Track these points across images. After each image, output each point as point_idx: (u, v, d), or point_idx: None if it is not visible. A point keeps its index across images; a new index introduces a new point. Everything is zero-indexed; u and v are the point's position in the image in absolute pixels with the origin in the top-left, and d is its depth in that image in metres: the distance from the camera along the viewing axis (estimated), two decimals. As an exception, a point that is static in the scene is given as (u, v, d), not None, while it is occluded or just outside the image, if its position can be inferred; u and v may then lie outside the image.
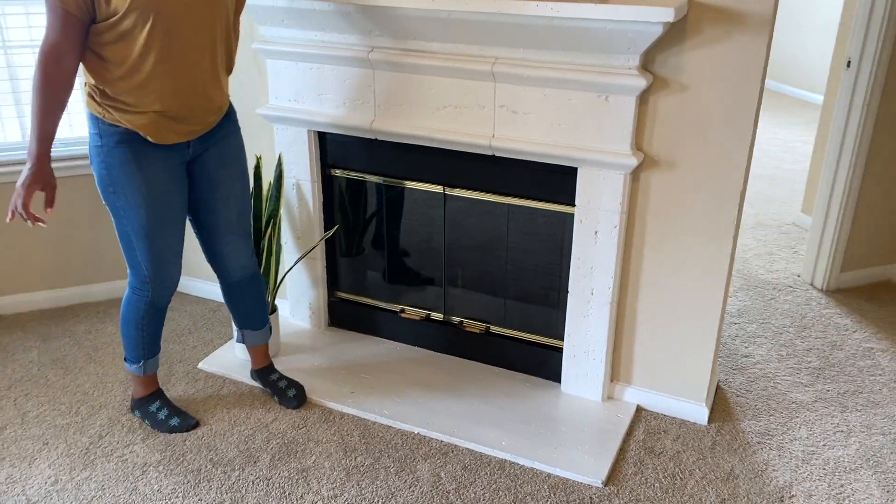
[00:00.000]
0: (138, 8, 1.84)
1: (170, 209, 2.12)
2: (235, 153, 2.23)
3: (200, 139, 2.12)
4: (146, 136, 2.01)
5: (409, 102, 2.39)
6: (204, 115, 2.08)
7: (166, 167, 2.08)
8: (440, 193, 2.55)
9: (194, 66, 1.98)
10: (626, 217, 2.26)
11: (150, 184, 2.06)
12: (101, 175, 2.07)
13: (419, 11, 2.17)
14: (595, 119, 2.16)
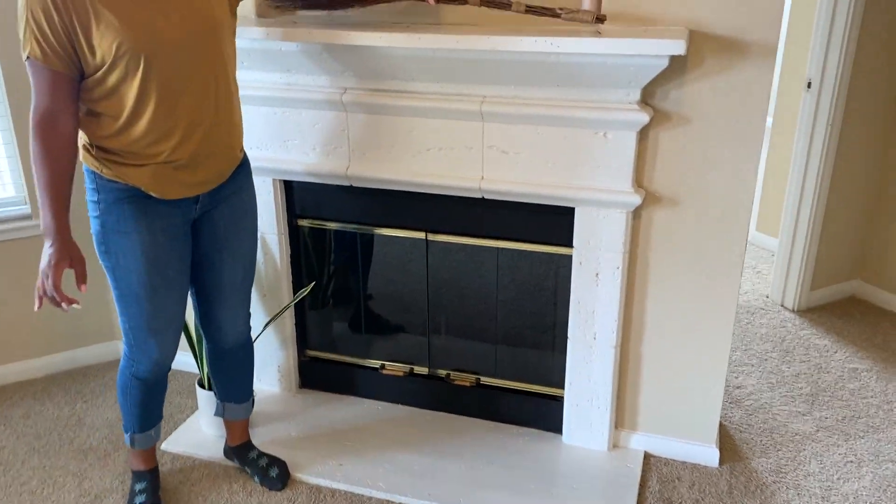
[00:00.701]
0: (126, 54, 1.62)
1: (168, 275, 1.87)
2: (248, 208, 2.02)
3: (210, 193, 1.88)
4: (149, 193, 1.77)
5: (387, 146, 2.21)
6: (216, 162, 1.85)
7: (169, 227, 1.84)
8: (422, 240, 2.37)
9: (198, 106, 1.75)
10: (628, 257, 2.15)
11: (148, 246, 1.82)
12: (96, 231, 1.83)
13: (400, 50, 2.01)
14: (593, 156, 2.04)
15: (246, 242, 2.03)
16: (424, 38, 1.95)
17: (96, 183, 1.79)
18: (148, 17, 1.63)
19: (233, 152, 1.90)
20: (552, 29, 1.95)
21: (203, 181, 1.85)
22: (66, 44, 1.60)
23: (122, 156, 1.74)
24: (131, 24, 1.61)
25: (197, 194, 1.86)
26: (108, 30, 1.59)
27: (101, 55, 1.62)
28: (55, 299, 1.73)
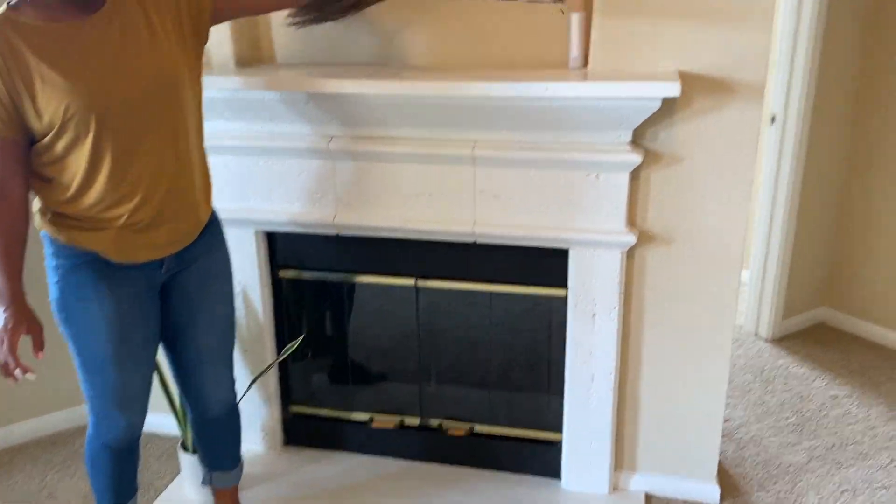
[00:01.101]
0: (75, 116, 1.53)
1: (134, 344, 1.76)
2: (221, 270, 1.91)
3: (176, 256, 1.78)
4: (110, 258, 1.68)
5: (376, 193, 2.17)
6: (180, 223, 1.74)
7: (132, 293, 1.73)
8: (411, 287, 2.32)
9: (158, 165, 1.65)
10: (623, 296, 2.14)
11: (112, 314, 1.71)
12: (55, 299, 1.72)
13: (388, 98, 1.99)
14: (586, 198, 2.04)
15: (220, 307, 1.92)
16: (413, 85, 1.93)
17: (54, 247, 1.69)
18: (98, 75, 1.54)
19: (198, 211, 1.80)
20: (543, 73, 1.96)
21: (167, 243, 1.74)
22: (11, 108, 1.52)
23: (79, 220, 1.65)
24: (79, 84, 1.52)
25: (161, 257, 1.75)
26: (55, 91, 1.51)
27: (48, 119, 1.53)
28: (9, 367, 1.62)
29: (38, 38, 1.52)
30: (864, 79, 3.12)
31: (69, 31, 1.55)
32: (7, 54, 1.50)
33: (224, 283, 1.93)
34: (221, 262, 1.92)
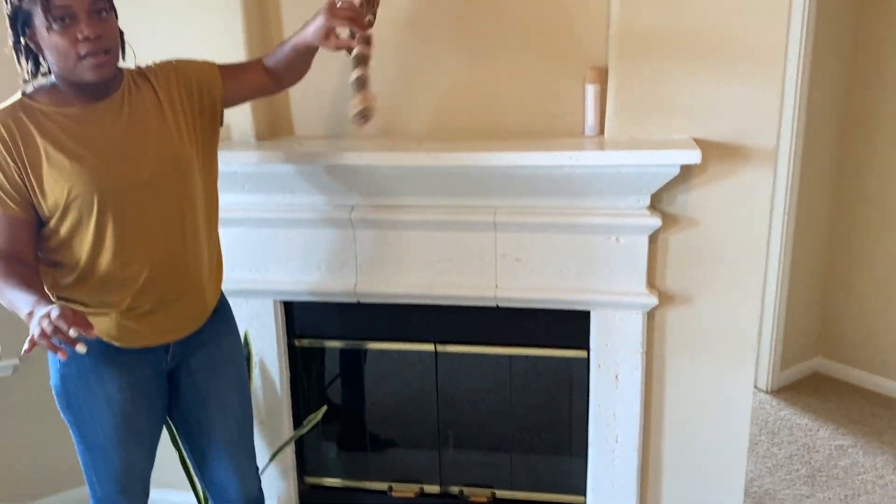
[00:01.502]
0: (78, 198, 1.54)
1: (137, 429, 1.73)
2: (230, 357, 1.86)
3: (183, 342, 1.75)
4: (113, 343, 1.65)
5: (397, 260, 2.19)
6: (186, 307, 1.72)
7: (137, 379, 1.70)
8: (430, 352, 2.33)
9: (163, 249, 1.65)
10: (645, 357, 2.17)
11: (116, 402, 1.68)
12: (56, 384, 1.69)
13: (411, 169, 2.03)
14: (607, 261, 2.08)
15: (233, 395, 1.86)
16: (437, 156, 1.98)
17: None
18: (103, 158, 1.56)
19: (205, 295, 1.77)
20: (562, 142, 2.02)
21: (172, 328, 1.72)
22: (21, 188, 1.55)
23: (83, 305, 1.63)
24: (83, 165, 1.54)
25: (167, 342, 1.73)
26: (60, 173, 1.53)
27: (52, 200, 1.55)
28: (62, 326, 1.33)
29: (49, 122, 1.56)
30: (847, 137, 3.27)
31: (80, 116, 1.59)
32: (17, 137, 1.54)
33: (235, 370, 1.88)
34: (231, 349, 1.88)
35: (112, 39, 1.55)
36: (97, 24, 1.50)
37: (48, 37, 1.49)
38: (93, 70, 1.52)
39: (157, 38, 1.99)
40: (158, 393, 1.77)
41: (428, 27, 2.14)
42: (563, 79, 2.11)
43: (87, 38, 1.49)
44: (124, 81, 1.66)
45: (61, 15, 1.47)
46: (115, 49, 1.57)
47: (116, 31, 1.58)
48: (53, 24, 1.47)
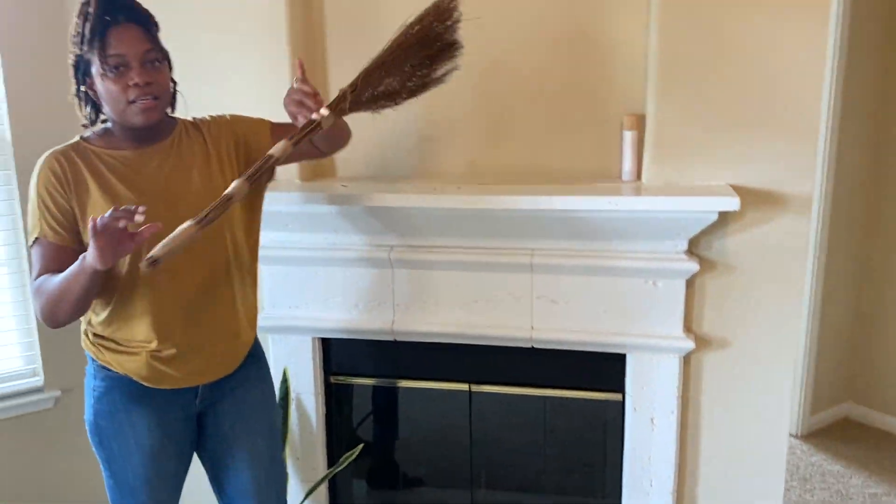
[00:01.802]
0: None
1: (165, 468, 1.76)
2: (260, 403, 1.87)
3: (212, 386, 1.77)
4: (142, 382, 1.69)
5: (433, 300, 2.22)
6: (216, 351, 1.74)
7: (165, 420, 1.73)
8: (465, 391, 2.35)
9: (196, 293, 1.69)
10: (681, 401, 2.18)
11: (144, 440, 1.71)
12: (88, 419, 1.74)
13: (450, 211, 2.07)
14: (643, 304, 2.10)
15: (260, 442, 1.85)
16: (473, 199, 2.02)
17: (94, 367, 1.73)
18: (144, 199, 1.59)
19: (237, 340, 1.79)
20: (601, 186, 2.05)
21: (202, 371, 1.74)
22: (71, 217, 1.63)
23: (115, 342, 1.68)
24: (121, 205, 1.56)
25: (195, 385, 1.75)
26: (101, 210, 1.57)
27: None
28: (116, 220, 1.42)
29: (99, 162, 1.64)
30: (876, 183, 3.29)
31: (129, 158, 1.66)
32: (68, 172, 1.62)
33: (263, 416, 1.88)
34: (261, 395, 1.88)
35: (161, 88, 1.63)
36: (148, 73, 1.58)
37: (103, 83, 1.58)
38: (141, 114, 1.60)
39: (206, 84, 2.07)
40: (186, 434, 1.79)
41: (467, 69, 2.20)
42: (601, 124, 2.16)
43: (136, 84, 1.57)
44: (177, 130, 1.74)
45: (115, 63, 1.56)
46: (164, 96, 1.64)
47: (167, 81, 1.66)
48: (108, 72, 1.56)
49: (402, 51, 1.75)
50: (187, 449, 1.81)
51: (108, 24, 1.56)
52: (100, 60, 1.56)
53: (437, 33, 1.79)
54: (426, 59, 1.80)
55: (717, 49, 1.97)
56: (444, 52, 1.83)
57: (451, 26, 1.82)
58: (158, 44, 1.62)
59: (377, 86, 1.74)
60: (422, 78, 1.81)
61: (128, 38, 1.57)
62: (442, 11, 1.80)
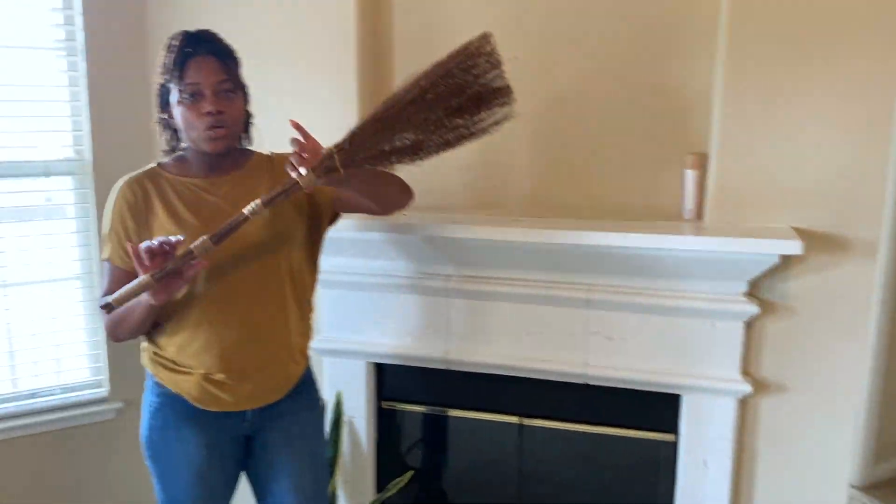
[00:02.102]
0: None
1: (213, 486, 1.80)
2: (307, 433, 1.87)
3: (260, 411, 1.80)
4: (193, 403, 1.74)
5: (488, 330, 2.24)
6: (266, 378, 1.76)
7: (214, 441, 1.78)
8: (515, 424, 2.34)
9: (249, 319, 1.72)
10: (736, 445, 2.13)
11: (193, 459, 1.76)
12: (143, 434, 1.80)
13: (509, 244, 2.08)
14: (700, 345, 2.08)
15: (305, 472, 1.85)
16: (532, 232, 2.04)
17: (151, 383, 1.80)
18: (207, 226, 1.65)
19: (287, 368, 1.81)
20: (661, 225, 2.05)
21: (251, 397, 1.76)
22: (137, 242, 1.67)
23: (170, 362, 1.74)
24: (185, 230, 1.66)
25: (243, 409, 1.78)
26: (166, 233, 1.65)
27: None
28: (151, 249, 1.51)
29: (170, 187, 1.72)
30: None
31: (199, 185, 1.73)
32: (140, 198, 1.71)
33: (309, 446, 1.89)
34: (309, 425, 1.89)
35: (233, 117, 1.69)
36: (221, 102, 1.66)
37: (179, 110, 1.66)
38: (211, 142, 1.67)
39: (277, 115, 2.14)
40: (234, 455, 1.83)
41: (530, 102, 2.23)
42: (662, 162, 2.16)
43: (209, 112, 1.64)
44: (250, 161, 1.80)
45: (191, 91, 1.64)
46: (234, 126, 1.71)
47: (239, 111, 1.72)
48: (184, 100, 1.65)
49: (416, 104, 1.63)
50: (235, 469, 1.85)
51: (188, 55, 1.65)
52: (178, 88, 1.65)
53: (465, 81, 1.66)
54: (458, 110, 1.67)
55: (782, 89, 1.96)
56: (485, 101, 1.68)
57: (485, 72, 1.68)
58: (233, 76, 1.69)
59: (382, 142, 1.62)
60: (457, 129, 1.69)
61: (204, 68, 1.65)
62: (469, 56, 1.67)
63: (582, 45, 2.18)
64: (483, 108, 1.69)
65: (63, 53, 2.41)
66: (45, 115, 2.43)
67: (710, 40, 2.05)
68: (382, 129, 1.61)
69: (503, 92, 1.70)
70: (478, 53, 1.67)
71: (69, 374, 2.54)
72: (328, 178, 1.58)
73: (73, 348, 2.54)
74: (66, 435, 2.50)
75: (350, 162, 1.58)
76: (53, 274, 2.48)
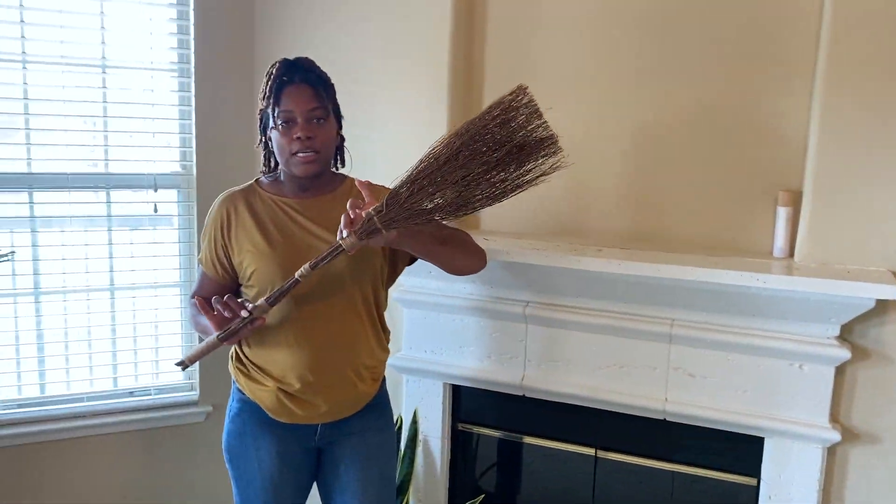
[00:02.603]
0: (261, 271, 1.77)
1: (282, 497, 1.86)
2: (376, 453, 1.90)
3: (331, 426, 1.85)
4: (267, 412, 1.81)
5: (565, 359, 2.23)
6: (335, 394, 1.80)
7: (286, 451, 1.84)
8: (590, 456, 2.32)
9: (327, 338, 1.78)
10: (823, 495, 2.05)
11: (265, 467, 1.83)
12: (224, 439, 1.90)
13: (591, 273, 2.08)
14: (787, 387, 2.01)
15: (371, 491, 1.87)
16: (616, 263, 2.03)
17: (233, 389, 1.89)
18: (292, 245, 1.75)
19: (357, 388, 1.83)
20: (750, 262, 2.00)
21: (320, 412, 1.80)
22: (224, 259, 1.82)
23: (256, 368, 1.81)
24: (272, 247, 1.76)
25: (315, 423, 1.83)
26: (253, 247, 1.77)
27: (243, 269, 1.80)
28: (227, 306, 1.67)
29: (262, 205, 1.82)
30: None
31: (290, 206, 1.81)
32: (233, 218, 1.81)
33: (377, 466, 1.91)
34: (378, 445, 1.91)
35: (323, 143, 1.77)
36: (311, 128, 1.74)
37: (274, 135, 1.76)
38: (301, 165, 1.75)
39: (370, 141, 2.23)
40: (305, 466, 1.88)
41: (618, 133, 2.24)
42: (752, 197, 2.12)
43: (299, 137, 1.73)
44: (341, 185, 1.88)
45: (285, 118, 1.74)
46: (324, 151, 1.78)
47: (330, 137, 1.80)
48: (278, 125, 1.74)
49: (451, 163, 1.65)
50: (306, 479, 1.91)
51: (284, 83, 1.74)
52: (273, 115, 1.75)
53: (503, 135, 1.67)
54: (499, 164, 1.67)
55: (881, 128, 1.90)
56: (528, 153, 1.69)
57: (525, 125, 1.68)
58: (325, 103, 1.77)
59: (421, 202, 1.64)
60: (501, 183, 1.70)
61: (298, 96, 1.74)
62: (505, 110, 1.68)
63: (673, 75, 2.17)
64: (527, 160, 1.70)
65: (175, 74, 2.58)
66: (157, 132, 2.60)
67: (807, 73, 2.01)
68: (419, 189, 1.65)
69: (547, 142, 1.71)
70: (513, 107, 1.69)
71: (164, 376, 2.68)
72: (372, 239, 1.64)
73: (171, 352, 2.68)
74: (156, 434, 2.64)
75: (391, 222, 1.63)
76: (156, 280, 2.64)
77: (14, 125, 2.51)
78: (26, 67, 2.42)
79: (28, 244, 2.49)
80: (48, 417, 2.52)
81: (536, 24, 2.31)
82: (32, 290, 2.52)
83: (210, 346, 1.70)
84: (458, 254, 1.87)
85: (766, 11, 2.06)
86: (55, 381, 2.59)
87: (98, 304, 2.60)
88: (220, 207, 1.84)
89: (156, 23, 2.55)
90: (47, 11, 2.44)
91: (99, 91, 2.51)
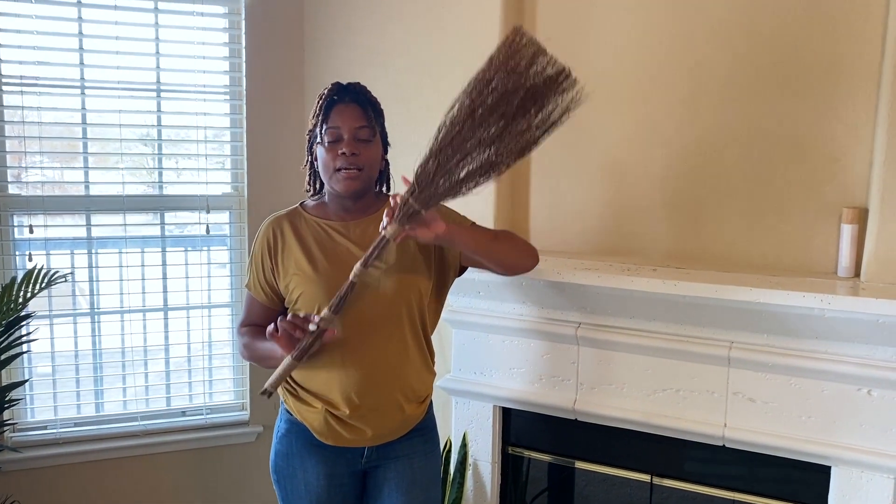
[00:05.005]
0: (306, 293, 1.77)
1: None
2: (421, 478, 1.87)
3: (377, 449, 1.83)
4: (314, 434, 1.80)
5: (619, 383, 2.17)
6: (380, 418, 1.78)
7: (333, 472, 1.82)
8: (646, 483, 2.25)
9: (376, 362, 1.76)
10: (895, 529, 1.94)
11: (312, 488, 1.82)
12: (271, 459, 1.88)
13: (646, 294, 2.02)
14: (854, 414, 1.91)
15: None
16: (672, 284, 1.97)
17: (282, 409, 1.88)
18: (337, 267, 1.73)
19: (404, 411, 1.82)
20: (814, 282, 1.92)
21: (366, 436, 1.79)
22: (272, 281, 1.82)
23: (304, 390, 1.80)
24: (317, 270, 1.75)
25: (361, 446, 1.81)
26: (298, 268, 1.77)
27: (289, 292, 1.80)
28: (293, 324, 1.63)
29: (307, 228, 1.82)
30: None
31: (334, 227, 1.81)
32: (279, 241, 1.82)
33: (422, 491, 1.88)
34: (423, 470, 1.88)
35: (367, 161, 1.76)
36: (356, 146, 1.74)
37: (320, 151, 1.77)
38: (343, 181, 1.75)
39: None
40: (352, 488, 1.86)
41: (670, 149, 2.18)
42: (814, 214, 2.04)
43: (343, 153, 1.73)
44: (385, 207, 1.82)
45: (332, 135, 1.74)
46: (368, 170, 1.78)
47: (375, 157, 1.79)
48: (324, 141, 1.75)
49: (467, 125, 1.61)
50: (353, 502, 1.89)
51: (334, 101, 1.76)
52: (320, 131, 1.76)
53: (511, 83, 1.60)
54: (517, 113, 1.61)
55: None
56: (543, 93, 1.62)
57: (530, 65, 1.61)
58: (372, 124, 1.77)
59: (451, 173, 1.62)
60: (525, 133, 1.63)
61: (345, 114, 1.75)
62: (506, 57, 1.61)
63: (732, 89, 2.10)
64: (545, 101, 1.63)
65: (227, 98, 2.62)
66: (209, 154, 2.65)
67: (870, 88, 1.93)
68: (446, 159, 1.62)
69: (560, 77, 1.64)
70: (514, 51, 1.62)
71: (217, 396, 2.70)
72: (414, 220, 1.62)
73: (221, 371, 2.70)
74: (208, 454, 2.66)
75: (428, 201, 1.62)
76: (209, 300, 2.67)
77: (74, 149, 2.59)
78: (85, 93, 2.49)
79: (86, 265, 2.55)
80: (104, 436, 2.57)
81: (585, 40, 2.27)
82: (89, 311, 2.58)
83: (288, 369, 1.67)
84: (510, 250, 1.85)
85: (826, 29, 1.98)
86: (112, 400, 2.64)
87: (152, 324, 2.65)
88: (266, 231, 1.84)
89: (208, 48, 2.60)
90: (105, 38, 2.51)
91: (153, 115, 2.57)
